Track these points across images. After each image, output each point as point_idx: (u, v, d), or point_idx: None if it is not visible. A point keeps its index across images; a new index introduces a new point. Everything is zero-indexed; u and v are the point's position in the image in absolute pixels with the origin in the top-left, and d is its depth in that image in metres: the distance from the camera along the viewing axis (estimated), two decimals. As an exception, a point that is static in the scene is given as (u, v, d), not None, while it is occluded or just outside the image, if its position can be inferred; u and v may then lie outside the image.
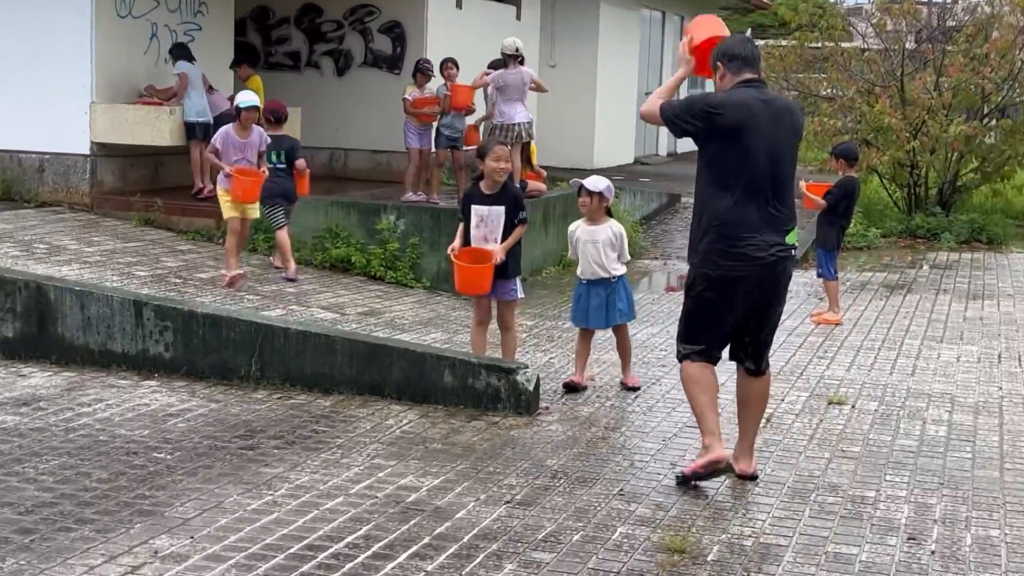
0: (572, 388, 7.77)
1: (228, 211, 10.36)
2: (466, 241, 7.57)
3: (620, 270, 7.80)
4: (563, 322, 10.24)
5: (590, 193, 7.71)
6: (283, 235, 10.75)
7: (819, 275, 10.67)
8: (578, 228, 7.83)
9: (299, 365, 7.65)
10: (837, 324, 10.28)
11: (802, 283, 12.64)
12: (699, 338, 5.87)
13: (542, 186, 13.57)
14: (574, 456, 6.40)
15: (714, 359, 5.94)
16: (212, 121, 12.48)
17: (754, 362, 5.99)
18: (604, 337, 8.52)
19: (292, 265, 10.74)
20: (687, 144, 9.35)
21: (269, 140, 10.50)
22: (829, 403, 7.62)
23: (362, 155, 15.97)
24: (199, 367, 7.87)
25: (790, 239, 5.77)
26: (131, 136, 12.34)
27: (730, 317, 5.82)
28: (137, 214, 12.33)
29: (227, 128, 10.31)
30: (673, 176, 20.67)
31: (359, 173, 15.90)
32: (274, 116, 11.04)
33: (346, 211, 11.94)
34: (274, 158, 10.76)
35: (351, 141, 16.05)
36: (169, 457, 6.19)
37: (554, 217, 13.38)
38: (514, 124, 12.08)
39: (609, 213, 7.87)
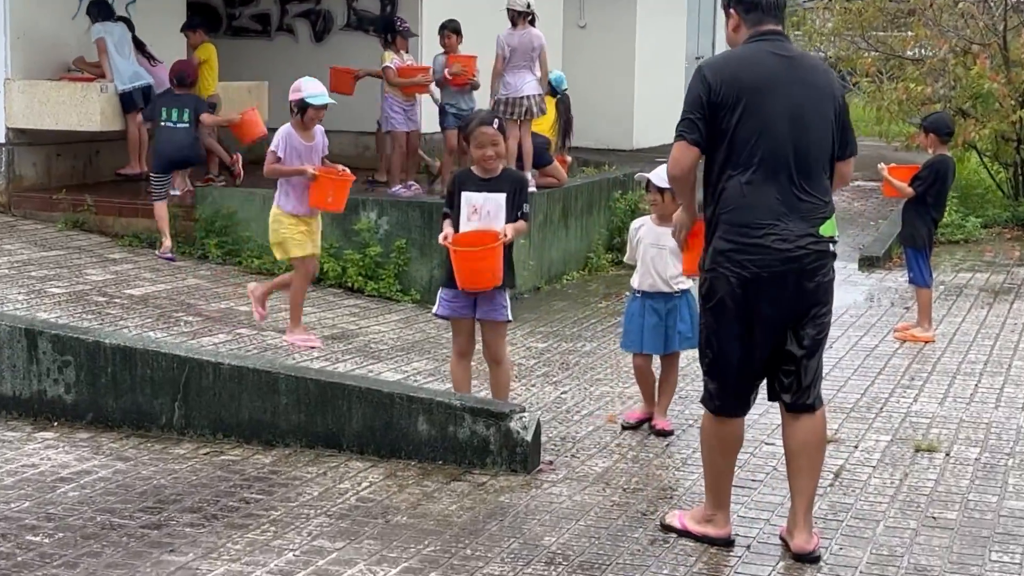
0: (644, 425, 7.48)
1: (295, 247, 9.05)
2: None
3: (685, 284, 7.39)
4: (583, 344, 9.70)
5: (660, 189, 7.24)
6: (163, 208, 11.24)
7: (911, 280, 10.08)
8: (643, 226, 7.45)
9: (234, 410, 7.15)
10: (928, 342, 9.83)
11: (885, 288, 12.22)
12: (722, 365, 5.57)
13: (562, 174, 12.93)
14: (580, 531, 5.89)
15: (745, 402, 5.65)
16: (152, 84, 12.24)
17: (792, 394, 5.57)
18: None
19: (167, 242, 11.26)
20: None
21: (327, 143, 9.61)
22: (917, 450, 7.21)
23: (346, 138, 15.45)
24: (109, 413, 7.37)
25: (825, 230, 5.47)
26: (54, 119, 11.99)
27: (758, 332, 5.46)
28: (64, 215, 11.97)
29: (288, 129, 9.21)
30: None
31: (342, 160, 15.07)
32: (178, 79, 11.67)
33: (316, 208, 11.36)
34: (175, 115, 11.34)
35: (333, 121, 15.21)
36: (47, 541, 5.65)
37: (576, 210, 12.88)
38: (522, 97, 11.69)
39: None
